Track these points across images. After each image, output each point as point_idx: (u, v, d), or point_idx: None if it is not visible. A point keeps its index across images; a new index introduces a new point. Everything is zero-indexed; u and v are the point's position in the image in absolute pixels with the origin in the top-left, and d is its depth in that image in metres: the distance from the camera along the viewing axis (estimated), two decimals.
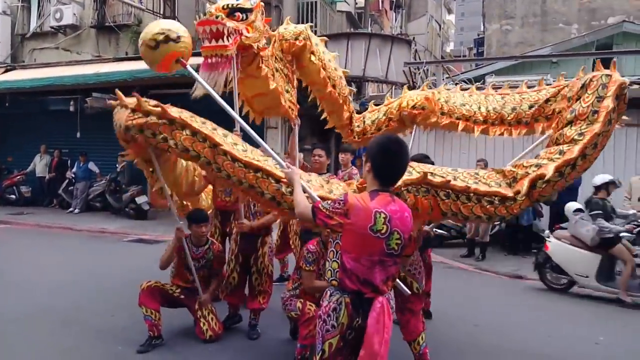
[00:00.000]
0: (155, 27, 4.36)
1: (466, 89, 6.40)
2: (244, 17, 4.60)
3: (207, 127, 4.22)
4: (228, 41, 4.46)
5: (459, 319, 6.49)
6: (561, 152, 4.02)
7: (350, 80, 15.33)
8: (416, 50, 18.06)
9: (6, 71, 17.26)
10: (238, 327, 6.01)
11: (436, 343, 4.96)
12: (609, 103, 4.09)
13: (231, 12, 4.52)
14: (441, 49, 37.35)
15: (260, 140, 4.29)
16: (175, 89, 13.85)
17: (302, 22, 16.60)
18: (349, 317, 3.01)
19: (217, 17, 4.41)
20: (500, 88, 6.10)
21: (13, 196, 16.65)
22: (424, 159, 5.37)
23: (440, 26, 37.30)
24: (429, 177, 3.95)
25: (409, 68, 15.56)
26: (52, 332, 5.88)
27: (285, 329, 5.74)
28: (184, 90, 14.14)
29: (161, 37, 4.29)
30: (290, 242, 7.21)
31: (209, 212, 6.53)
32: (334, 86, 6.09)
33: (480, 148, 12.41)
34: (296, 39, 5.56)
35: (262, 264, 5.85)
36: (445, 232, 11.37)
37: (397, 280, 3.83)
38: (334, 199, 3.15)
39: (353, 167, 7.48)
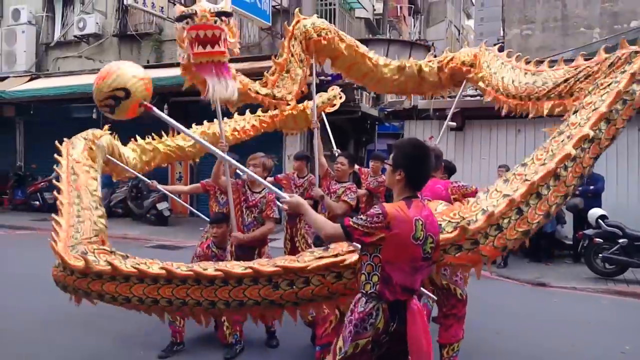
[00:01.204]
0: (101, 90, 3.58)
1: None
2: (228, 22, 4.49)
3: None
4: (224, 46, 4.36)
5: (481, 325, 6.43)
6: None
7: None
8: (435, 56, 18.00)
9: (31, 79, 17.53)
10: (257, 336, 5.99)
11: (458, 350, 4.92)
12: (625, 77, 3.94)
13: (218, 16, 4.37)
14: None
15: (247, 170, 4.13)
16: (196, 96, 14.02)
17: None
18: (385, 323, 2.98)
19: (214, 21, 4.30)
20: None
21: (37, 202, 16.87)
22: (446, 166, 5.35)
23: (459, 31, 37.22)
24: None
25: None
26: (75, 337, 5.96)
27: (304, 335, 5.74)
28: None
29: (111, 102, 3.61)
30: (297, 246, 7.13)
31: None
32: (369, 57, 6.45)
33: (500, 154, 12.34)
34: (319, 35, 5.76)
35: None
36: None
37: (422, 288, 3.70)
38: (369, 213, 2.98)
39: (383, 174, 7.40)
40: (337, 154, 7.32)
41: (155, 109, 3.70)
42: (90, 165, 5.24)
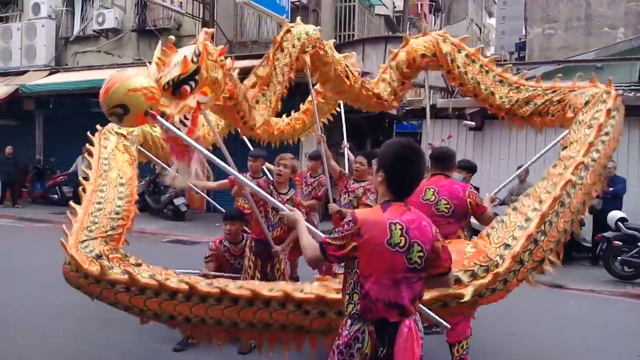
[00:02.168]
0: (103, 106, 3.36)
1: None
2: (194, 84, 3.57)
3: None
4: (187, 127, 3.54)
5: (496, 327, 6.38)
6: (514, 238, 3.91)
7: None
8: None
9: (50, 74, 17.67)
10: None
11: (471, 351, 4.87)
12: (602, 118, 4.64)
13: (175, 89, 3.51)
14: (481, 53, 36.89)
15: (252, 185, 3.86)
16: None
17: (340, 27, 16.62)
18: (373, 347, 2.65)
19: (162, 115, 3.40)
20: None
21: (55, 196, 17.01)
22: (468, 165, 5.30)
23: (480, 30, 36.97)
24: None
25: None
26: (91, 328, 6.00)
27: None
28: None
29: (114, 118, 3.37)
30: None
31: None
32: (347, 77, 5.97)
33: (520, 154, 12.21)
34: (314, 46, 5.46)
35: (278, 271, 5.65)
36: None
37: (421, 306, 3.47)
38: (341, 223, 2.76)
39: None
40: (344, 147, 7.26)
41: (159, 117, 3.35)
42: (125, 157, 5.08)
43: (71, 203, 4.42)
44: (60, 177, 17.21)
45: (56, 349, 5.44)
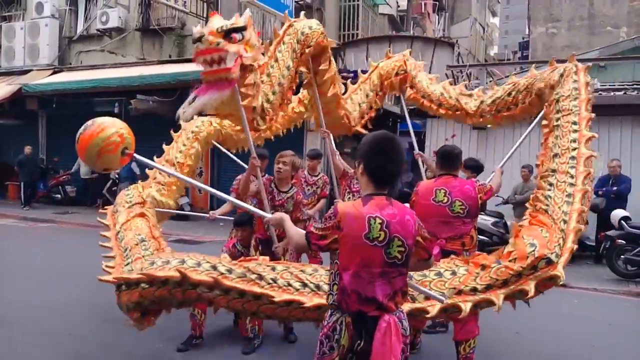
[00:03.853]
0: (91, 161, 3.93)
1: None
2: (241, 37, 4.29)
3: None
4: (231, 63, 4.18)
5: (500, 325, 6.36)
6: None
7: None
8: (459, 54, 17.84)
9: (53, 73, 17.69)
10: (275, 331, 5.99)
11: (476, 349, 4.87)
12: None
13: (227, 34, 4.19)
14: (485, 52, 36.94)
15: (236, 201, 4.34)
16: None
17: (344, 26, 16.61)
18: (350, 339, 2.67)
19: (217, 44, 4.10)
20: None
21: (58, 195, 17.06)
22: (474, 164, 5.34)
23: (484, 29, 36.92)
24: None
25: (452, 71, 15.37)
26: (94, 328, 6.01)
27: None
28: None
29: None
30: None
31: None
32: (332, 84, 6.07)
33: (523, 154, 12.18)
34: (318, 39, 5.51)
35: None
36: (487, 238, 11.18)
37: (426, 290, 3.65)
38: (325, 215, 2.80)
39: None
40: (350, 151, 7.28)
41: (137, 156, 3.84)
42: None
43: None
44: (64, 177, 17.25)
45: (58, 349, 5.44)
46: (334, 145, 6.26)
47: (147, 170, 6.82)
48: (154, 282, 3.98)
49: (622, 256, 9.14)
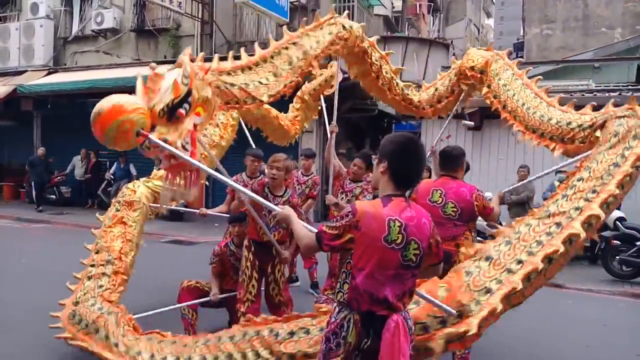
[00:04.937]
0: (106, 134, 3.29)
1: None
2: (187, 107, 3.45)
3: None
4: (189, 150, 3.48)
5: (495, 327, 6.37)
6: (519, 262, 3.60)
7: None
8: (454, 54, 17.86)
9: (48, 74, 17.62)
10: None
11: (473, 350, 4.88)
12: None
13: (171, 115, 3.36)
14: None
15: (247, 191, 3.79)
16: None
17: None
18: (357, 336, 2.64)
19: (165, 141, 3.29)
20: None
21: (53, 196, 16.99)
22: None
23: (479, 30, 37.04)
24: None
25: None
26: None
27: None
28: None
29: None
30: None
31: None
32: (377, 77, 5.96)
33: (518, 154, 12.22)
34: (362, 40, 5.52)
35: (279, 272, 5.58)
36: (482, 239, 11.20)
37: (432, 298, 3.36)
38: (340, 213, 2.74)
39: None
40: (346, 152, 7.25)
41: (151, 136, 3.24)
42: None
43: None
44: (58, 178, 17.19)
45: (52, 350, 5.41)
46: (333, 146, 6.25)
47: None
48: None
49: (617, 257, 9.16)
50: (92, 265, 5.40)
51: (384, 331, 2.58)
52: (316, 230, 2.81)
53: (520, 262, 3.61)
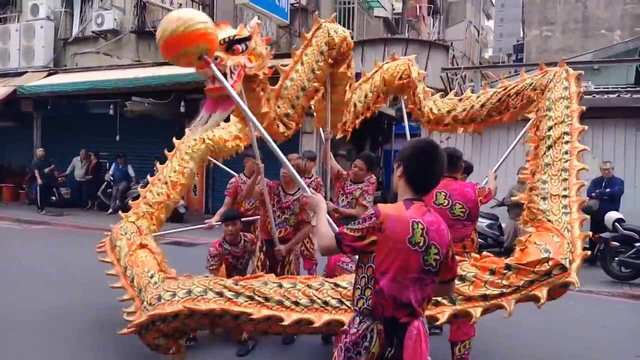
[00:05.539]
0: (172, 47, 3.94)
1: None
2: (244, 47, 4.33)
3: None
4: (232, 79, 4.15)
5: (495, 327, 6.38)
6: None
7: None
8: (454, 56, 17.85)
9: (49, 75, 17.63)
10: None
11: (473, 351, 4.89)
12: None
13: (229, 46, 4.24)
14: (479, 55, 37.02)
15: (285, 160, 4.03)
16: None
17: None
18: (381, 347, 2.60)
19: (215, 58, 4.05)
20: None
21: (53, 197, 16.97)
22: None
23: (478, 32, 37.04)
24: None
25: (447, 74, 15.40)
26: (89, 329, 6.01)
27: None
28: None
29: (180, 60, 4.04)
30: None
31: None
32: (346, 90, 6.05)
33: (517, 156, 12.22)
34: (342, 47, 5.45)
35: (288, 272, 5.65)
36: (482, 240, 11.21)
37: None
38: (362, 216, 2.71)
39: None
40: (346, 153, 7.23)
41: (212, 65, 4.00)
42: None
43: None
44: (58, 179, 17.17)
45: (52, 351, 5.43)
46: (329, 148, 6.26)
47: (148, 177, 6.86)
48: (166, 318, 4.10)
49: (616, 258, 9.17)
50: None
51: (406, 338, 2.57)
52: (337, 230, 2.79)
53: (565, 206, 4.47)
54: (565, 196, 4.43)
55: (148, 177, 6.60)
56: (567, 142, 4.81)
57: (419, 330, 2.58)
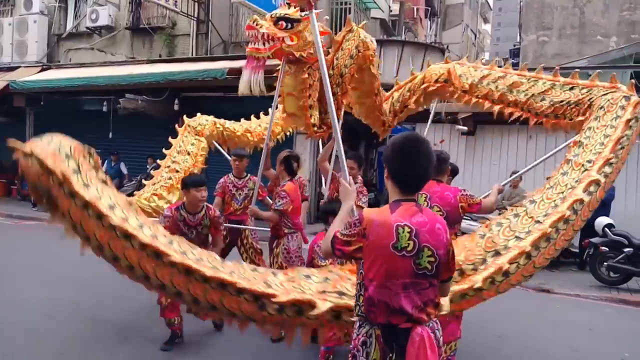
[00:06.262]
0: None
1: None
2: (289, 26, 4.75)
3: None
4: (263, 46, 4.70)
5: (482, 329, 6.38)
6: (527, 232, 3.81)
7: (382, 88, 15.26)
8: (450, 59, 17.92)
9: (42, 70, 17.52)
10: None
11: (459, 352, 4.88)
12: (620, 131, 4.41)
13: (276, 20, 4.73)
14: (476, 58, 36.95)
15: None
16: (207, 92, 13.97)
17: (335, 29, 16.64)
18: (381, 352, 2.51)
19: (255, 23, 4.67)
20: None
21: None
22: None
23: (475, 36, 37.12)
24: None
25: None
26: (79, 327, 5.99)
27: None
28: (216, 93, 14.21)
29: None
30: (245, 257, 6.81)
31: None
32: (376, 94, 6.15)
33: (511, 159, 12.27)
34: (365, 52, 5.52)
35: (276, 264, 5.76)
36: None
37: None
38: (349, 220, 2.65)
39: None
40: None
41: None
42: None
43: None
44: None
45: (42, 347, 5.40)
46: (330, 150, 6.19)
47: (152, 172, 6.97)
48: None
49: (605, 263, 9.21)
50: None
51: (408, 346, 2.45)
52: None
53: (529, 232, 3.85)
54: (538, 222, 3.93)
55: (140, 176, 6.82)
56: (584, 170, 4.25)
57: (422, 337, 2.46)
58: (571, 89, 5.21)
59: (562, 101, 5.19)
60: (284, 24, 4.73)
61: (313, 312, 3.11)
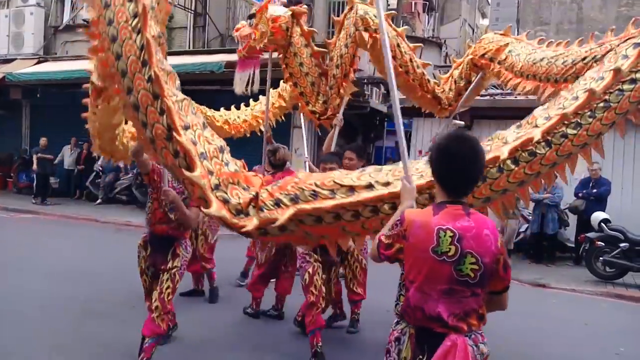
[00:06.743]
0: None
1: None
2: (251, 23, 5.31)
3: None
4: (240, 46, 5.44)
5: None
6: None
7: (378, 82, 15.24)
8: (447, 54, 17.88)
9: (38, 63, 17.43)
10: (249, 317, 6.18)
11: None
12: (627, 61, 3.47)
13: (249, 19, 5.38)
14: None
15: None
16: (204, 85, 13.93)
17: (333, 22, 16.64)
18: (412, 352, 2.46)
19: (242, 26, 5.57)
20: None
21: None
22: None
23: (473, 30, 36.98)
24: None
25: (440, 71, 15.42)
26: (75, 320, 5.97)
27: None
28: (213, 87, 14.13)
29: None
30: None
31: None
32: (407, 72, 5.71)
33: None
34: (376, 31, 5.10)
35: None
36: None
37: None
38: (391, 222, 2.56)
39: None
40: (305, 160, 7.04)
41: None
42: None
43: None
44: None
45: (37, 341, 5.39)
46: (334, 138, 6.12)
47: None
48: None
49: (601, 258, 9.26)
50: None
51: (438, 350, 2.35)
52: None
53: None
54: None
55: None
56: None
57: (454, 345, 2.33)
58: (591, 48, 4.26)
59: (565, 61, 4.46)
60: (250, 22, 5.34)
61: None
